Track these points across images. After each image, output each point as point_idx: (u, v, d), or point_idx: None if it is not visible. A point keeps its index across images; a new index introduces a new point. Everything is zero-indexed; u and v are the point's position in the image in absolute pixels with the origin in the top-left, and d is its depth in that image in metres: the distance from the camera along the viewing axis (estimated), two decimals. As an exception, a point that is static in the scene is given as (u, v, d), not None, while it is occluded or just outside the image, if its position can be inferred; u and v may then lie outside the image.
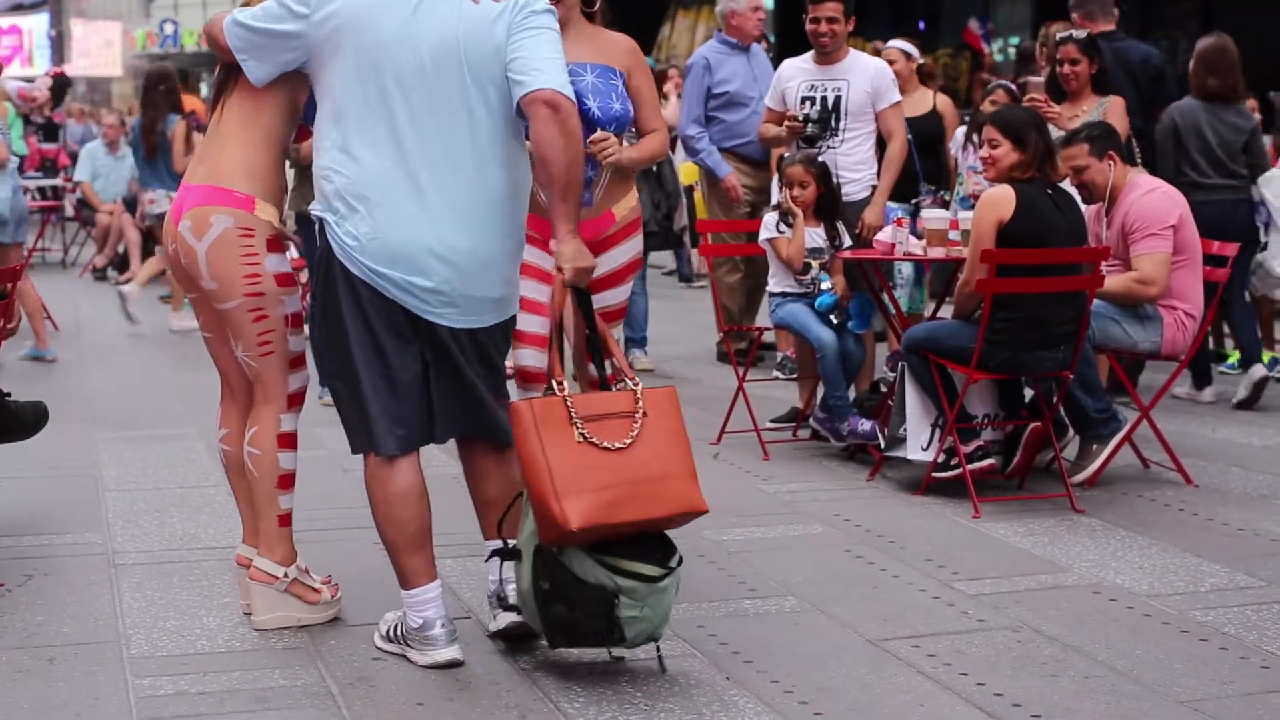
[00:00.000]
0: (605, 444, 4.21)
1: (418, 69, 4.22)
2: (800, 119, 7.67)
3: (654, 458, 4.26)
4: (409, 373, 4.36)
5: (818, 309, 7.17)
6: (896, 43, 9.53)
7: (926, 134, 9.05)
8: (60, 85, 20.11)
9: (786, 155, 7.67)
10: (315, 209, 4.36)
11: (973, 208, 8.23)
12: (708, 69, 9.51)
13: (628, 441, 4.23)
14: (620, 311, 5.60)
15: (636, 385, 4.32)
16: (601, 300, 5.19)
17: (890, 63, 8.82)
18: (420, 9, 4.24)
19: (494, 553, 4.48)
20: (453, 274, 4.28)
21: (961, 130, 9.15)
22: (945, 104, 9.60)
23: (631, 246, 5.54)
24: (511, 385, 4.79)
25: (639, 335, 9.77)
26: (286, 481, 4.75)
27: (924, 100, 9.38)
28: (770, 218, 7.41)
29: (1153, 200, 6.78)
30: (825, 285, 7.19)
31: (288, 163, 5.10)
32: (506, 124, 4.33)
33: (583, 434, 4.19)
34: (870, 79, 7.77)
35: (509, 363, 4.94)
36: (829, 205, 7.37)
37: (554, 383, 4.27)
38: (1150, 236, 6.69)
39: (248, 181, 4.59)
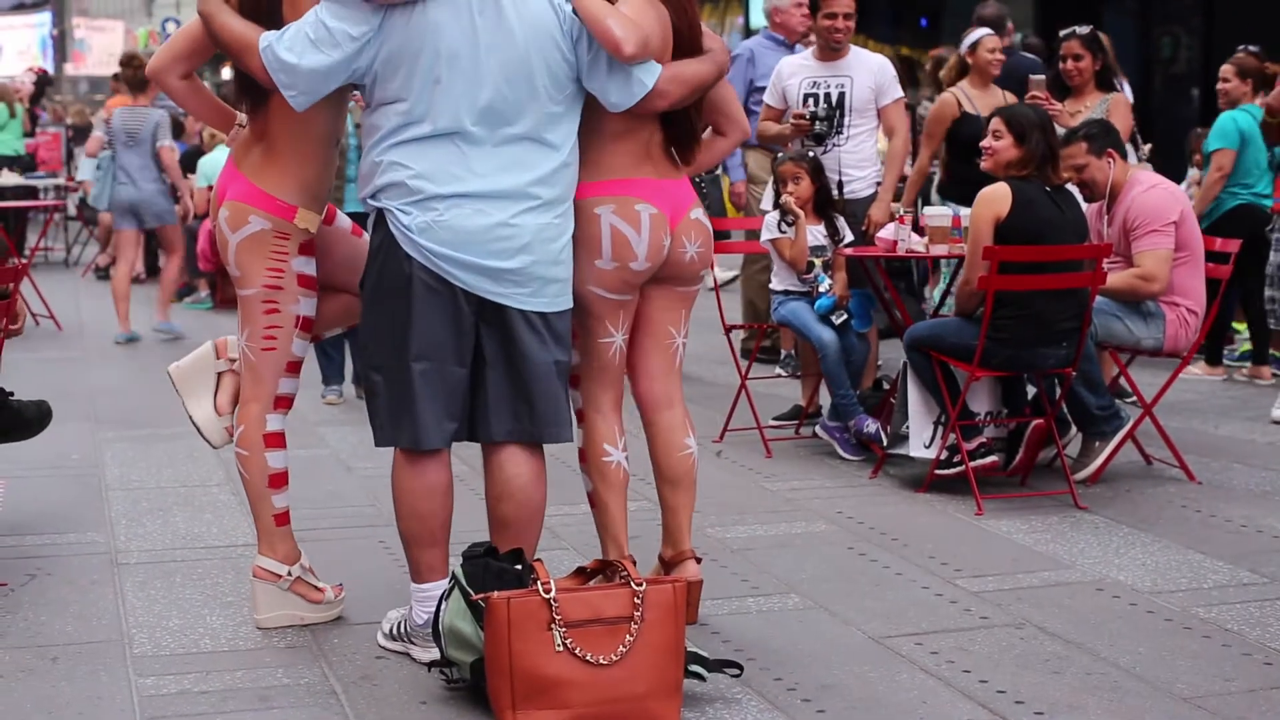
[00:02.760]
0: (589, 657, 3.89)
1: (486, 55, 4.21)
2: (807, 116, 7.65)
3: (639, 675, 3.94)
4: (463, 366, 4.33)
5: (817, 311, 7.17)
6: (989, 32, 9.07)
7: None
8: (42, 83, 20.14)
9: (780, 154, 7.67)
10: (375, 200, 4.32)
11: None
12: (751, 61, 9.48)
13: (614, 658, 3.92)
14: None
15: (640, 585, 4.00)
16: None
17: (997, 51, 8.75)
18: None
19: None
20: (522, 252, 4.25)
21: None
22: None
23: None
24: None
25: None
26: (278, 480, 4.75)
27: (995, 97, 9.03)
28: (771, 218, 7.40)
29: (1154, 197, 6.78)
30: (823, 287, 7.18)
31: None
32: (565, 108, 4.33)
33: (564, 643, 3.90)
34: (873, 75, 7.77)
35: None
36: (826, 200, 7.37)
37: (539, 585, 3.94)
38: (1152, 233, 6.69)
39: (294, 191, 4.60)
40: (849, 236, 7.37)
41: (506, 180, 4.25)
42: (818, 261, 7.27)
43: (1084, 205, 6.76)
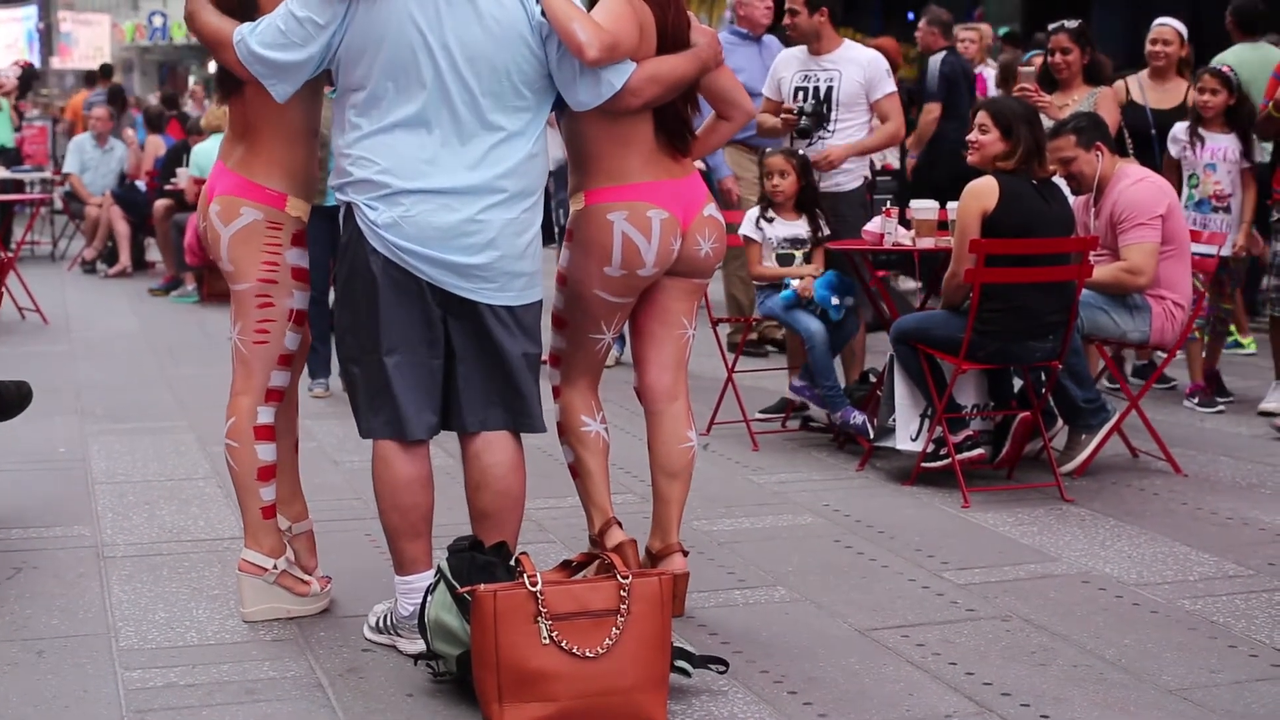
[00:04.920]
0: (575, 650, 3.88)
1: (452, 47, 4.22)
2: (795, 111, 7.65)
3: (625, 668, 3.92)
4: (437, 358, 4.35)
5: (781, 300, 7.20)
6: (1170, 21, 8.85)
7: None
8: (27, 76, 20.05)
9: (769, 149, 7.67)
10: (343, 194, 4.35)
11: (1214, 210, 8.12)
12: None
13: (600, 651, 3.90)
14: (553, 316, 4.90)
15: (626, 578, 3.99)
16: None
17: (1166, 43, 8.59)
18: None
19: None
20: (489, 248, 4.27)
21: (1182, 126, 8.35)
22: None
23: (564, 254, 4.87)
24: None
25: None
26: (266, 473, 4.75)
27: (1178, 91, 8.69)
28: (753, 211, 7.42)
29: (1141, 190, 6.79)
30: (794, 284, 7.18)
31: None
32: (534, 102, 4.35)
33: (550, 635, 3.88)
34: (863, 70, 7.73)
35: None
36: (810, 197, 7.37)
37: (526, 577, 3.93)
38: (1138, 226, 6.70)
39: (282, 179, 4.61)
40: (828, 233, 7.37)
41: (473, 175, 4.27)
42: (798, 253, 7.29)
43: (1071, 198, 6.76)
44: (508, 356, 4.36)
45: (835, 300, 7.20)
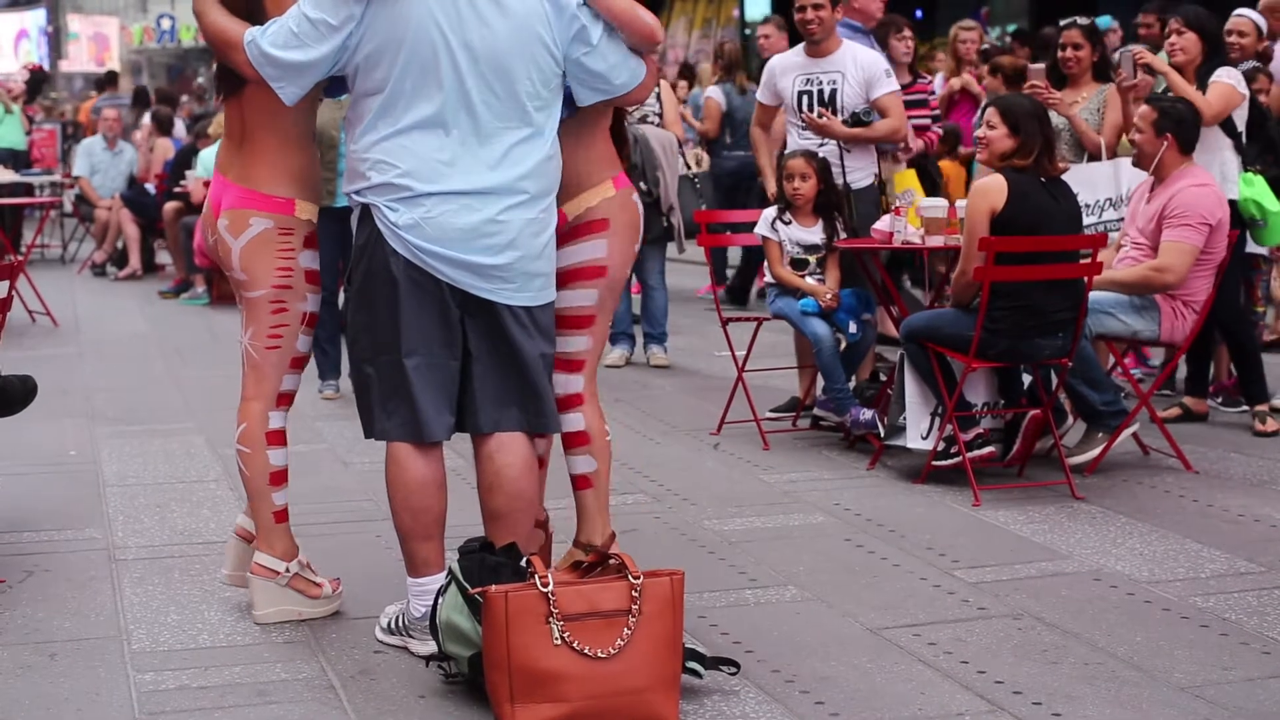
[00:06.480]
0: (587, 650, 3.88)
1: (473, 47, 4.24)
2: (849, 119, 7.56)
3: (637, 668, 3.93)
4: (455, 359, 4.36)
5: (801, 309, 7.18)
6: (1247, 12, 8.60)
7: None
8: (36, 80, 20.12)
9: (788, 150, 7.65)
10: (360, 196, 4.34)
11: None
12: None
13: (612, 651, 3.91)
14: (580, 318, 4.69)
15: (638, 579, 3.98)
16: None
17: (1241, 34, 8.49)
18: None
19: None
20: (509, 249, 4.29)
21: None
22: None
23: (586, 249, 4.65)
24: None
25: (658, 331, 9.64)
26: (279, 478, 4.74)
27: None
28: (769, 212, 7.41)
29: (1200, 194, 6.73)
30: (818, 301, 7.17)
31: None
32: (550, 101, 4.37)
33: (562, 636, 3.88)
34: (863, 71, 7.71)
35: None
36: (828, 201, 7.36)
37: (537, 578, 3.93)
38: (1186, 226, 6.65)
39: (288, 185, 4.60)
40: (844, 237, 7.36)
41: (494, 176, 4.28)
42: (812, 259, 7.29)
43: (1132, 177, 6.72)
44: (525, 356, 4.37)
45: (853, 327, 7.22)
